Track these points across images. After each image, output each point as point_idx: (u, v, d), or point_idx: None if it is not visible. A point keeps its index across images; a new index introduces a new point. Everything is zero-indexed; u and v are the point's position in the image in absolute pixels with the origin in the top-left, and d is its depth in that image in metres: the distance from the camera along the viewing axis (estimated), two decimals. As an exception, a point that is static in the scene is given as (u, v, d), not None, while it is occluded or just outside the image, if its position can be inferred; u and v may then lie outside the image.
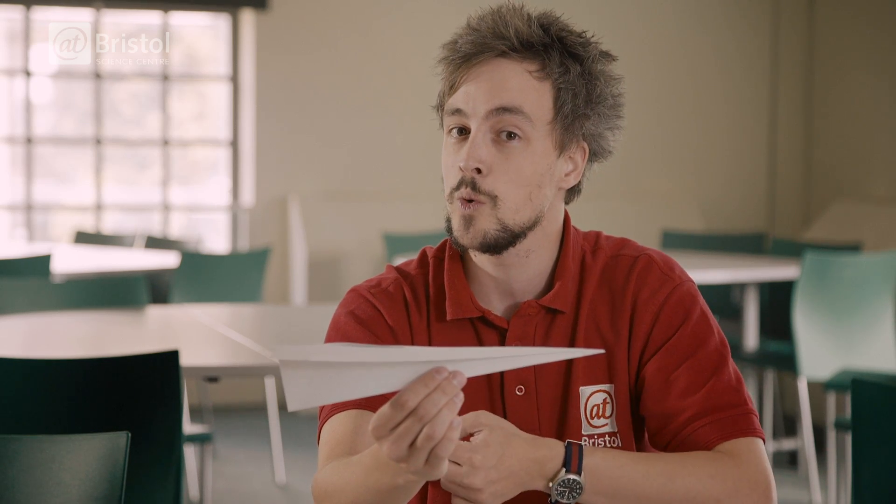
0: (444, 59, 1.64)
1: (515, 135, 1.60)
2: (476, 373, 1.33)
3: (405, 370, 1.30)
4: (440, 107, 1.67)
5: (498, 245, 1.62)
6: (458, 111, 1.62)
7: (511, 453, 1.49)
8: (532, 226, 1.63)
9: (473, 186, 1.60)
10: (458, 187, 1.61)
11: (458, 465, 1.46)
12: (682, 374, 1.63)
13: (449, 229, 1.64)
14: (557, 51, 1.61)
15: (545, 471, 1.51)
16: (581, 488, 1.51)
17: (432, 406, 1.30)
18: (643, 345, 1.66)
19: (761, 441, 1.61)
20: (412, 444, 1.32)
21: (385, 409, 1.32)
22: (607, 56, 1.66)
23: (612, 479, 1.53)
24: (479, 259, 1.67)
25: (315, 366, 1.28)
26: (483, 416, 1.49)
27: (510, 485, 1.49)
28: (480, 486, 1.46)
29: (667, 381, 1.63)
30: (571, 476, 1.51)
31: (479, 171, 1.60)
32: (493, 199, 1.60)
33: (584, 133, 1.64)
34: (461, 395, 1.31)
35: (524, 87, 1.60)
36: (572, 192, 1.69)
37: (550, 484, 1.51)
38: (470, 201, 1.60)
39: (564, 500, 1.51)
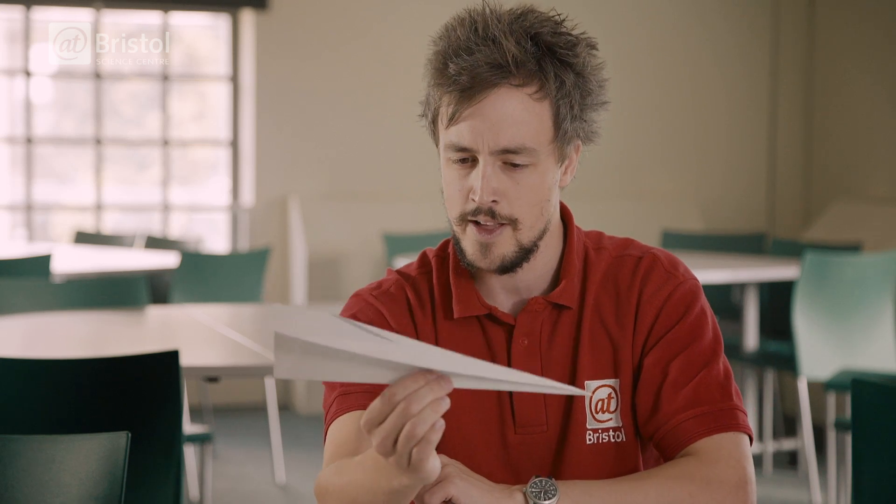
0: (439, 87, 1.61)
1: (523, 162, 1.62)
2: (466, 386, 1.33)
3: (397, 368, 1.31)
4: (432, 121, 1.66)
5: (514, 265, 1.64)
6: (463, 149, 1.61)
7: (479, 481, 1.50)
8: (542, 235, 1.66)
9: (492, 214, 1.61)
10: (474, 214, 1.61)
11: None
12: (674, 366, 1.65)
13: (461, 252, 1.65)
14: (550, 63, 1.60)
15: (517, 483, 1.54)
16: (555, 489, 1.51)
17: (417, 402, 1.31)
18: (644, 339, 1.68)
19: (745, 437, 1.63)
20: (395, 441, 1.33)
21: (375, 403, 1.33)
22: (592, 48, 1.65)
23: (583, 486, 1.54)
24: None
25: (310, 344, 1.29)
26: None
27: (476, 481, 1.49)
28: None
29: (659, 373, 1.66)
30: (545, 478, 1.52)
31: (494, 201, 1.61)
32: (514, 221, 1.62)
33: (580, 134, 1.65)
34: (447, 400, 1.32)
35: (526, 117, 1.59)
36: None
37: (524, 489, 1.51)
38: (489, 227, 1.62)
39: (541, 501, 1.51)
